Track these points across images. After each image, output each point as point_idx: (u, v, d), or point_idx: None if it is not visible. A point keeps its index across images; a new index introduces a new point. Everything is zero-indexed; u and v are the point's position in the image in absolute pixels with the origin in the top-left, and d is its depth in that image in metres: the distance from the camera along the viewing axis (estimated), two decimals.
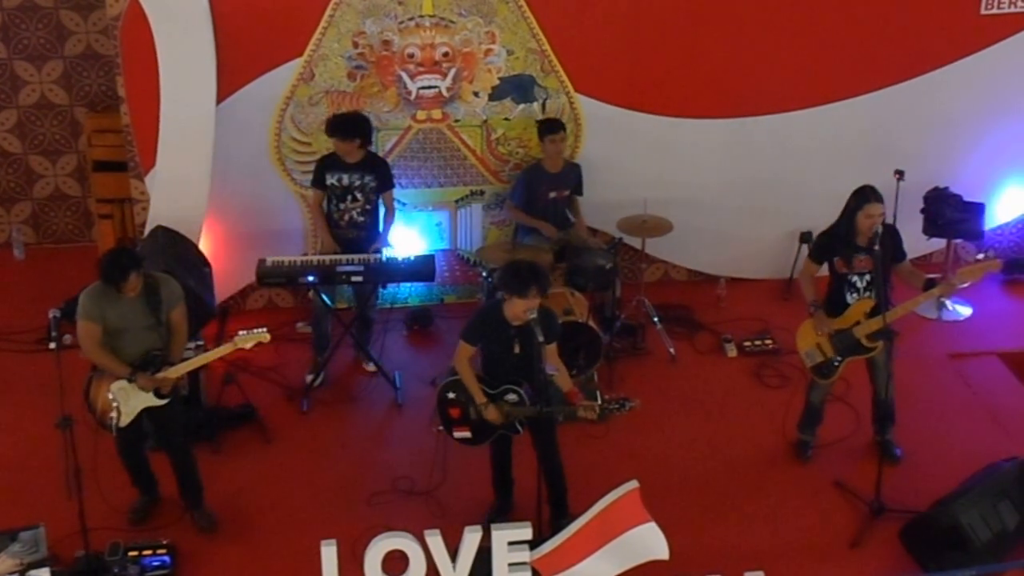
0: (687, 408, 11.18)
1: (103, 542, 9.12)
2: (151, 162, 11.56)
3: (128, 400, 9.13)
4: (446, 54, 11.90)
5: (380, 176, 11.23)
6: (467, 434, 9.42)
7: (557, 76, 12.07)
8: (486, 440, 9.41)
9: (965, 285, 9.70)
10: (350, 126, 11.15)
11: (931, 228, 12.58)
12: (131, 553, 9.08)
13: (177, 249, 11.01)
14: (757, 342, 12.07)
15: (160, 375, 9.06)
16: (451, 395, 9.37)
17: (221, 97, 11.48)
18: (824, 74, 12.34)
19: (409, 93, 12.00)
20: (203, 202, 11.50)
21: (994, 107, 12.74)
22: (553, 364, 9.19)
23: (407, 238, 12.29)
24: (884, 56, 12.32)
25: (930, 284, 9.64)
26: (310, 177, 11.50)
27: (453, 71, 11.97)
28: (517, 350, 9.02)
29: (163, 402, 9.17)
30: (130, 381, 9.06)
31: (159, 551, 9.13)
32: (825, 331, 9.87)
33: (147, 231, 11.50)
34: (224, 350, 9.22)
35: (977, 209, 12.63)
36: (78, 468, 8.65)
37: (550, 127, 11.80)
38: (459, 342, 9.14)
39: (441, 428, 9.58)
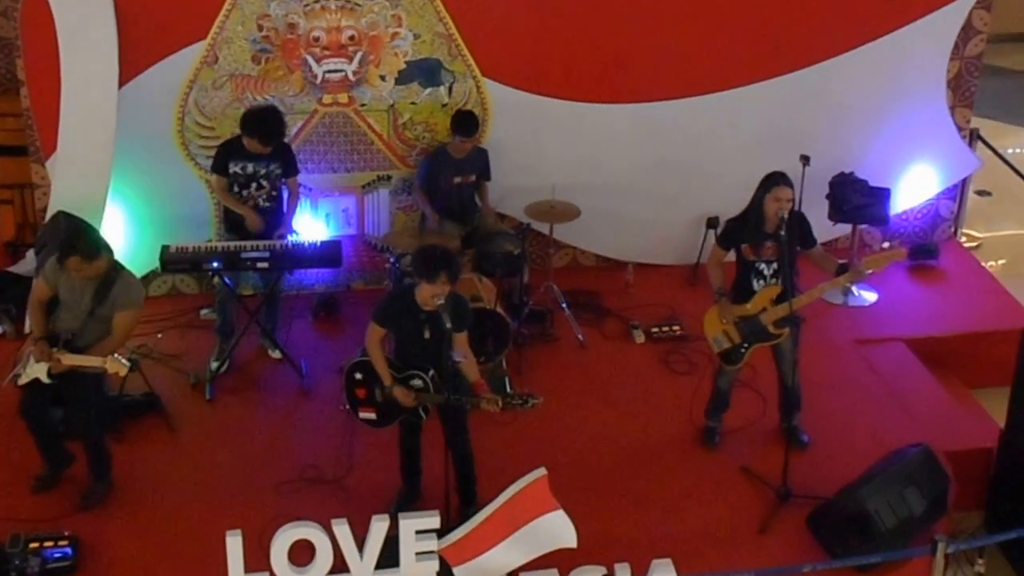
0: (595, 394, 11.18)
1: (3, 533, 8.98)
2: (52, 146, 11.41)
3: (31, 364, 9.20)
4: (352, 37, 11.81)
5: (285, 163, 11.12)
6: (372, 415, 9.40)
7: (464, 60, 12.02)
8: (391, 422, 9.38)
9: (870, 272, 9.78)
10: (269, 131, 10.92)
11: (836, 214, 12.64)
12: (32, 544, 8.92)
13: None
14: (665, 328, 12.07)
15: (55, 353, 9.06)
16: (358, 375, 9.35)
17: (123, 80, 11.33)
18: (730, 59, 12.37)
19: (315, 77, 11.91)
20: (105, 187, 11.35)
21: (899, 92, 12.84)
22: (462, 352, 9.13)
23: (313, 224, 12.21)
24: (789, 41, 12.38)
25: (842, 269, 9.71)
26: None
27: (359, 55, 11.88)
28: (427, 335, 8.97)
29: (48, 380, 9.16)
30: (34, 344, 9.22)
31: (61, 542, 8.99)
32: (730, 318, 9.92)
33: (48, 216, 11.37)
34: (98, 361, 9.04)
35: (882, 194, 12.71)
36: None
37: (464, 129, 11.67)
38: (370, 323, 9.11)
39: (347, 407, 9.61)
